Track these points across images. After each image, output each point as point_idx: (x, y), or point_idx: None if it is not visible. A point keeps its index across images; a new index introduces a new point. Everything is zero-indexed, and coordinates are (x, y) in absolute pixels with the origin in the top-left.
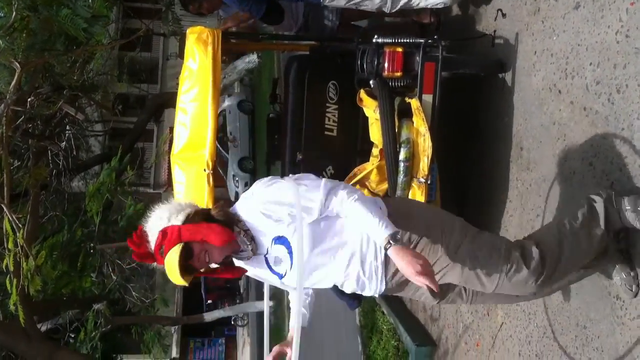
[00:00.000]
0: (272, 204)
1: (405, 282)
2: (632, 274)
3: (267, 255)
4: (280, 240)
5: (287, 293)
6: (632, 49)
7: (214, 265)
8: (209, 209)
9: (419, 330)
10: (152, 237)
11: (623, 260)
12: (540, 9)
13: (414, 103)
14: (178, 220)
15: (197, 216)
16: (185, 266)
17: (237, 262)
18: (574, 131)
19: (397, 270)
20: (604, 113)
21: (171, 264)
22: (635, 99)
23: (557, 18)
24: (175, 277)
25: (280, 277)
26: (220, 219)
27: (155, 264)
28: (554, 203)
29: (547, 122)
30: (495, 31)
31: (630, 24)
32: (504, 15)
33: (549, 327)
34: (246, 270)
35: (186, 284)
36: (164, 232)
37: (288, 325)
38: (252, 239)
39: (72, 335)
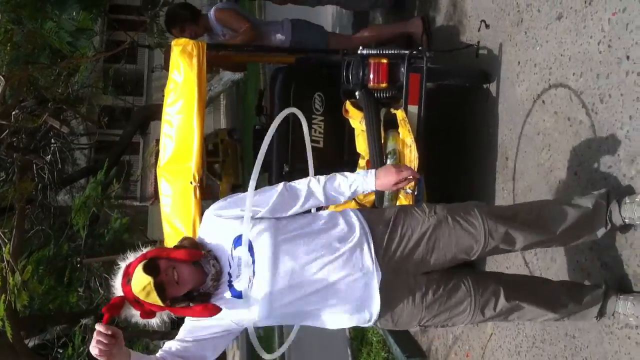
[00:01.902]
0: (225, 204)
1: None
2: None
3: (230, 271)
4: (240, 241)
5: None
6: (614, 58)
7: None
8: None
9: (409, 341)
10: (119, 281)
11: (621, 291)
12: (523, 19)
13: (400, 114)
14: (142, 252)
15: (162, 248)
16: (155, 283)
17: None
18: (558, 141)
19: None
20: (587, 123)
21: (137, 276)
22: (619, 108)
23: (540, 29)
24: (144, 287)
25: (241, 296)
26: (186, 244)
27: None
28: None
29: (532, 132)
30: (479, 42)
31: (612, 34)
32: (487, 26)
33: (538, 337)
34: (220, 309)
35: (160, 303)
36: (128, 265)
37: (277, 336)
38: (216, 259)
39: (60, 351)
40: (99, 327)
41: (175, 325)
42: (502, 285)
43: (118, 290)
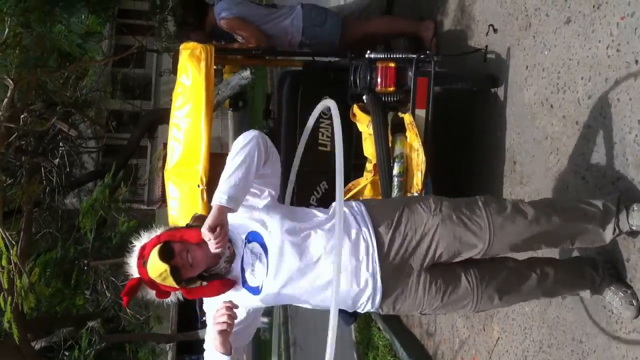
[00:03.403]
0: None
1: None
2: (628, 291)
3: (243, 265)
4: (253, 237)
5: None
6: (623, 63)
7: (203, 283)
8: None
9: (415, 345)
10: (134, 262)
11: (615, 280)
12: (531, 24)
13: (407, 118)
14: (155, 233)
15: (175, 228)
16: (171, 268)
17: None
18: (566, 145)
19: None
20: (596, 127)
21: (153, 262)
22: (627, 112)
23: (548, 33)
24: (160, 274)
25: (257, 291)
26: (198, 224)
27: (150, 292)
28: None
29: (540, 137)
30: (487, 46)
31: (620, 38)
32: (495, 30)
33: (545, 342)
34: (234, 282)
35: (176, 286)
36: (143, 246)
37: (282, 341)
38: (229, 241)
39: (67, 354)
40: (227, 303)
41: (182, 328)
42: (507, 280)
43: (134, 270)
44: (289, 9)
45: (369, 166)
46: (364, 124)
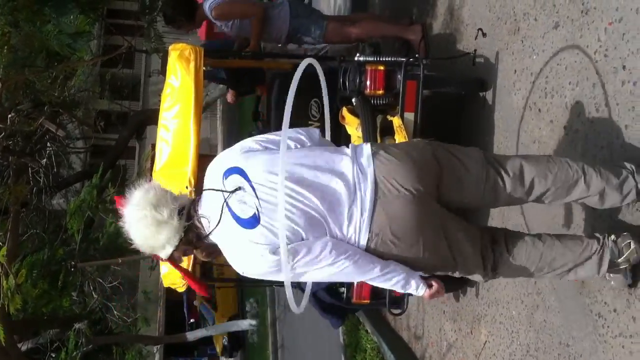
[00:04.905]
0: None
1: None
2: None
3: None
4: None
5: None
6: (610, 68)
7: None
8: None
9: (403, 348)
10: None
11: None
12: (519, 28)
13: (396, 121)
14: (165, 253)
15: (182, 244)
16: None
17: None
18: (554, 149)
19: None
20: (583, 131)
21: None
22: (614, 117)
23: (537, 38)
24: None
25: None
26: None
27: None
28: (534, 221)
29: (528, 141)
30: (475, 50)
31: (608, 43)
32: (484, 34)
33: (532, 346)
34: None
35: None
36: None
37: (270, 344)
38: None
39: (53, 355)
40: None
41: (170, 329)
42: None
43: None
44: (275, 2)
45: None
46: (353, 126)
